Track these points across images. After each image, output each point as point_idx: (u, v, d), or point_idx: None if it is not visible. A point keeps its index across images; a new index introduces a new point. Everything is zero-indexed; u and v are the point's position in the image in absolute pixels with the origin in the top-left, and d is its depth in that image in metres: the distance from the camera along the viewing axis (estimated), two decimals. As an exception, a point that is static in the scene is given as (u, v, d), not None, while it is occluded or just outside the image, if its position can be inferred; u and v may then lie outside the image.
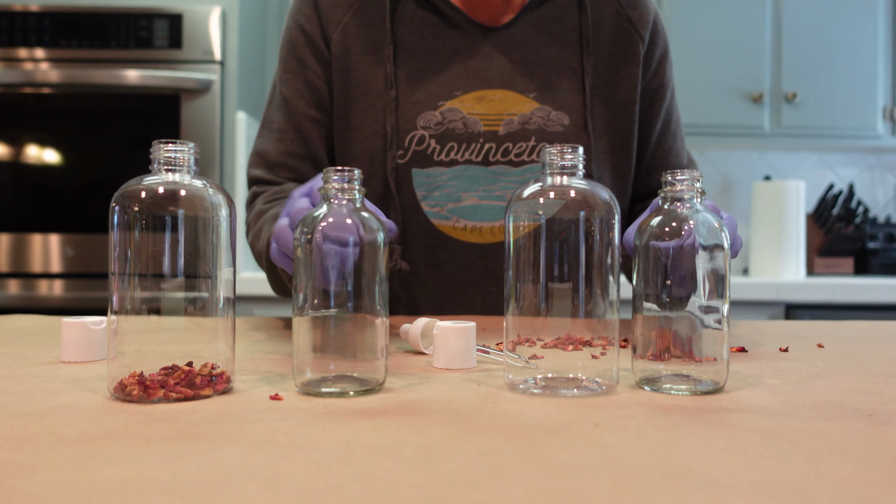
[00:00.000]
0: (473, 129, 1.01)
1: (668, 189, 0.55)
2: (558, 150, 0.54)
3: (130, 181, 0.51)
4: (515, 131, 1.01)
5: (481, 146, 1.01)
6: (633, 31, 1.06)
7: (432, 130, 1.01)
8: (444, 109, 1.01)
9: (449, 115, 1.01)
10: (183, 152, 0.52)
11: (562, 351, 0.56)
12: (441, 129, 1.01)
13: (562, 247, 0.52)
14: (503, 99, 1.02)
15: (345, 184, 0.53)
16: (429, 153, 1.01)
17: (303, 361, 0.52)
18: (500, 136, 1.01)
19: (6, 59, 2.04)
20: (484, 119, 1.01)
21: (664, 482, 0.33)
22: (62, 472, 0.33)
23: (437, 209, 1.02)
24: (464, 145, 1.01)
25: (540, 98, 1.02)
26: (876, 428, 0.43)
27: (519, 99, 1.02)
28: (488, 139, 1.01)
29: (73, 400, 0.49)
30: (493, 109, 1.01)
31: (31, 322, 0.93)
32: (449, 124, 1.01)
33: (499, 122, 1.01)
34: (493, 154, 1.01)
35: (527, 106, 1.02)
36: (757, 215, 2.42)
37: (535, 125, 1.01)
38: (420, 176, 1.01)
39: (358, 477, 0.33)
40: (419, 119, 1.01)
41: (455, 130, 1.01)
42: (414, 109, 1.01)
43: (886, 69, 2.47)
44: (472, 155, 1.01)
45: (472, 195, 1.01)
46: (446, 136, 1.01)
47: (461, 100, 1.01)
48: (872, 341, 0.82)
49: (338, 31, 1.03)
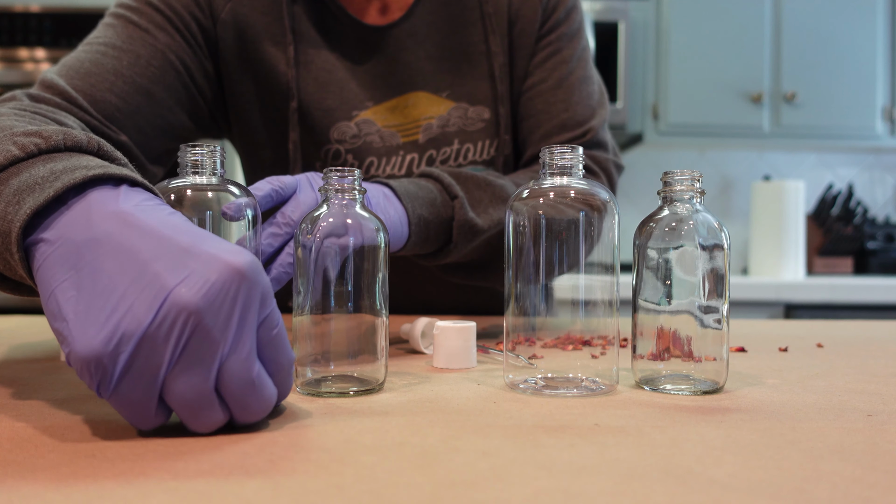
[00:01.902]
0: (391, 143, 0.91)
1: (668, 189, 0.55)
2: (557, 149, 0.54)
3: (159, 184, 0.52)
4: (436, 136, 0.92)
5: (402, 158, 0.91)
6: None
7: (348, 144, 0.90)
8: (360, 121, 0.90)
9: (365, 128, 0.90)
10: (209, 155, 0.53)
11: (562, 351, 0.56)
12: (358, 143, 0.90)
13: (561, 247, 0.52)
14: (416, 103, 0.92)
15: (345, 184, 0.53)
16: None
17: (303, 361, 0.52)
18: (420, 145, 0.92)
19: (6, 59, 2.04)
20: (401, 130, 0.92)
21: (664, 482, 0.33)
22: (62, 472, 0.33)
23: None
24: (384, 159, 0.91)
25: (454, 95, 0.92)
26: (875, 428, 0.43)
27: (433, 100, 0.92)
28: (409, 150, 0.92)
29: (74, 400, 0.49)
30: (408, 118, 0.92)
31: (31, 322, 0.93)
32: (366, 137, 0.90)
33: (417, 130, 0.92)
34: (418, 164, 0.92)
35: (442, 107, 0.92)
36: (756, 215, 2.43)
37: (455, 126, 0.92)
38: None
39: (358, 477, 0.33)
40: (333, 131, 0.90)
41: (373, 144, 0.91)
42: (326, 119, 0.90)
43: (885, 69, 2.48)
44: (394, 169, 0.91)
45: None
46: (364, 151, 0.91)
47: (374, 111, 0.91)
48: (872, 341, 0.82)
49: (227, 11, 0.87)
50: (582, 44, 0.97)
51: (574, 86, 0.94)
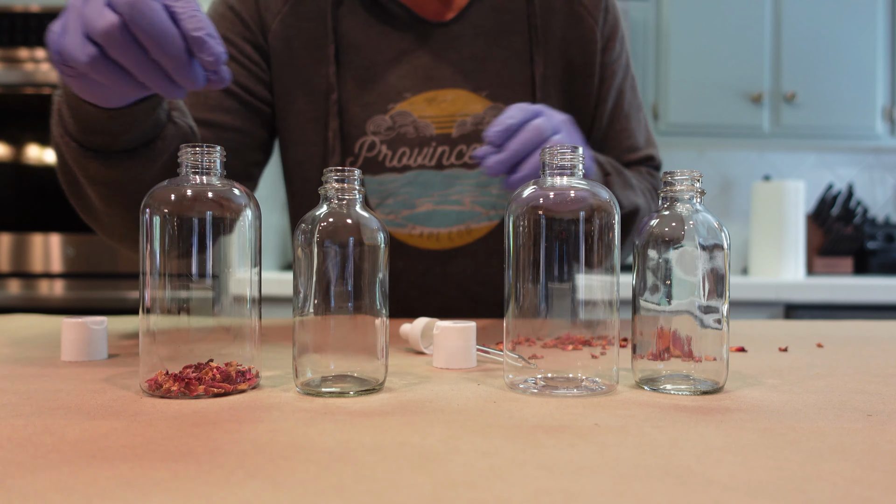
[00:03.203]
0: (425, 133, 0.96)
1: (668, 189, 0.55)
2: (557, 150, 0.54)
3: (160, 184, 0.53)
4: (469, 133, 0.97)
5: (434, 150, 0.97)
6: (586, 15, 1.00)
7: (383, 136, 0.96)
8: (395, 113, 0.96)
9: (399, 120, 0.96)
10: (209, 155, 0.53)
11: (562, 351, 0.56)
12: (392, 135, 0.96)
13: (561, 247, 0.52)
14: (455, 99, 0.97)
15: (344, 184, 0.53)
16: (380, 159, 0.96)
17: (303, 361, 0.53)
18: (453, 139, 0.97)
19: (7, 59, 2.04)
20: (436, 122, 0.97)
21: (664, 482, 0.33)
22: (62, 472, 0.33)
23: (392, 217, 0.98)
24: (416, 150, 0.96)
25: (492, 96, 0.98)
26: (875, 427, 0.43)
27: (471, 98, 0.97)
28: (441, 142, 0.97)
29: (74, 400, 0.49)
30: (444, 111, 0.97)
31: (31, 322, 0.93)
32: (400, 129, 0.96)
33: (451, 124, 0.97)
34: (447, 157, 0.97)
35: (479, 105, 0.97)
36: (756, 215, 2.43)
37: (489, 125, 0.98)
38: (372, 183, 0.97)
39: (358, 477, 0.33)
40: (369, 123, 0.96)
41: (406, 135, 0.96)
42: (363, 113, 0.96)
43: (885, 69, 2.48)
44: (426, 160, 0.97)
45: (427, 201, 0.98)
46: (397, 142, 0.96)
47: (411, 102, 0.96)
48: (872, 341, 0.82)
49: (277, 22, 0.96)
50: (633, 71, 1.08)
51: (631, 114, 1.06)
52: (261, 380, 0.55)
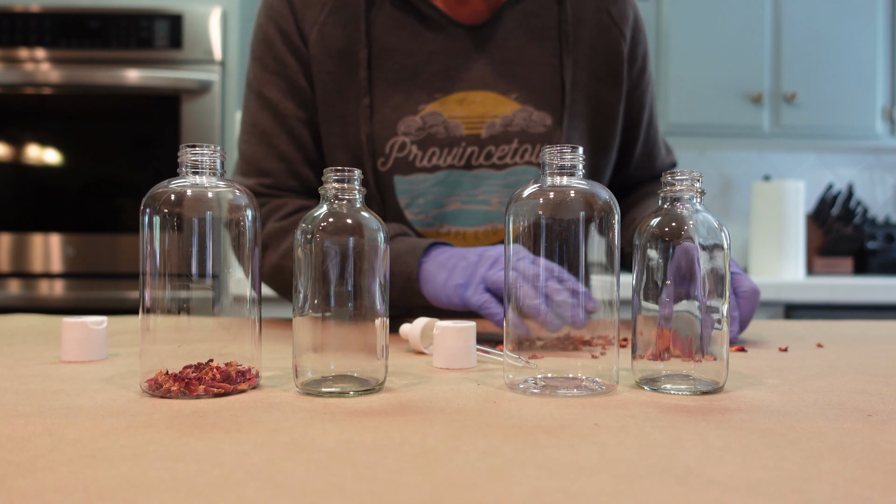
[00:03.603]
0: (455, 134, 0.99)
1: (668, 189, 0.55)
2: (557, 150, 0.54)
3: (160, 184, 0.53)
4: (498, 134, 0.99)
5: (463, 150, 0.99)
6: (613, 26, 1.04)
7: (413, 136, 0.98)
8: (425, 114, 0.98)
9: (430, 120, 0.98)
10: (209, 155, 0.53)
11: (562, 351, 0.56)
12: (422, 135, 0.98)
13: (561, 247, 0.52)
14: (484, 101, 0.99)
15: (344, 184, 0.53)
16: (410, 159, 0.98)
17: (303, 361, 0.52)
18: (482, 140, 0.99)
19: (7, 59, 2.04)
20: (466, 122, 0.99)
21: (664, 482, 0.33)
22: (62, 472, 0.33)
23: (422, 216, 1.00)
24: (445, 150, 0.98)
25: (522, 99, 1.00)
26: (875, 428, 0.43)
27: (501, 100, 1.00)
28: (470, 143, 0.99)
29: (74, 400, 0.49)
30: (474, 112, 0.99)
31: (31, 322, 0.93)
32: (430, 129, 0.98)
33: (481, 125, 0.99)
34: (476, 158, 0.99)
35: (509, 107, 1.00)
36: (756, 215, 2.43)
37: (518, 127, 0.99)
38: (402, 183, 0.98)
39: (358, 477, 0.33)
40: (399, 124, 0.98)
41: (437, 135, 0.98)
42: (394, 114, 0.98)
43: (885, 69, 2.48)
44: (455, 159, 0.99)
45: (456, 200, 1.00)
46: (427, 142, 0.98)
47: (442, 102, 0.99)
48: (872, 341, 0.82)
49: (315, 31, 1.00)
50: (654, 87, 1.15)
51: (658, 133, 1.13)
52: (261, 380, 0.55)
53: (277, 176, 1.00)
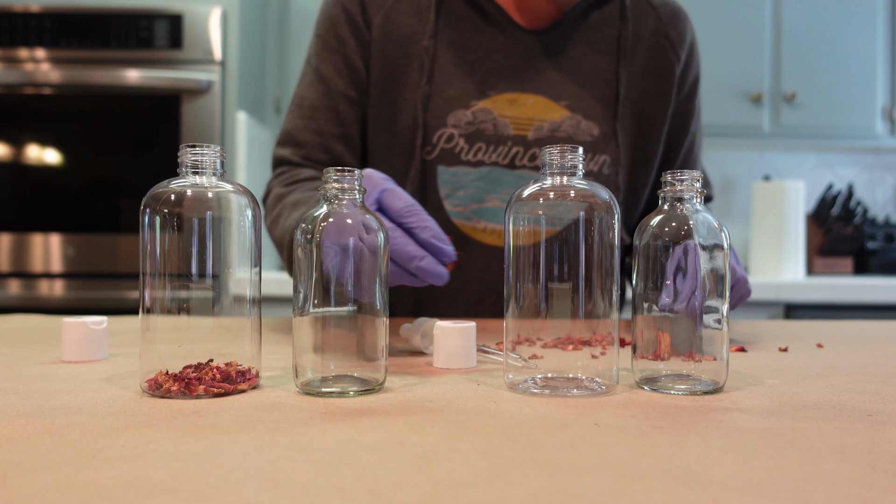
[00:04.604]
0: (503, 132, 1.01)
1: (668, 189, 0.55)
2: (558, 150, 0.54)
3: (159, 184, 0.53)
4: (544, 137, 1.01)
5: (509, 149, 1.01)
6: (669, 48, 1.06)
7: (462, 129, 1.00)
8: (476, 109, 1.00)
9: (480, 116, 1.01)
10: (209, 155, 0.53)
11: (562, 351, 0.56)
12: (471, 129, 1.00)
13: (562, 247, 0.52)
14: (535, 104, 1.01)
15: (345, 184, 0.53)
16: (456, 152, 1.00)
17: (303, 361, 0.52)
18: (528, 141, 1.01)
19: (7, 59, 2.04)
20: (514, 123, 1.01)
21: (664, 482, 0.33)
22: (62, 472, 0.33)
23: (460, 209, 1.01)
24: (492, 147, 1.01)
25: (572, 106, 1.02)
26: (875, 427, 0.43)
27: (551, 106, 1.02)
28: (516, 143, 1.01)
29: (74, 400, 0.49)
30: (524, 114, 1.01)
31: (31, 322, 0.93)
32: (479, 125, 1.00)
33: (529, 127, 1.01)
34: (520, 158, 1.01)
35: (558, 113, 1.01)
36: (756, 215, 2.42)
37: (565, 133, 1.01)
38: (445, 174, 1.00)
39: (358, 477, 0.33)
40: (450, 117, 1.00)
41: (485, 132, 1.01)
42: (446, 106, 1.00)
43: (885, 69, 2.47)
44: (499, 157, 1.01)
45: (495, 197, 1.01)
46: (475, 137, 1.00)
47: (494, 100, 1.01)
48: (872, 341, 0.82)
49: (380, 16, 1.02)
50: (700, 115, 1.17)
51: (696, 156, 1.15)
52: (261, 380, 0.55)
53: (310, 148, 1.03)
